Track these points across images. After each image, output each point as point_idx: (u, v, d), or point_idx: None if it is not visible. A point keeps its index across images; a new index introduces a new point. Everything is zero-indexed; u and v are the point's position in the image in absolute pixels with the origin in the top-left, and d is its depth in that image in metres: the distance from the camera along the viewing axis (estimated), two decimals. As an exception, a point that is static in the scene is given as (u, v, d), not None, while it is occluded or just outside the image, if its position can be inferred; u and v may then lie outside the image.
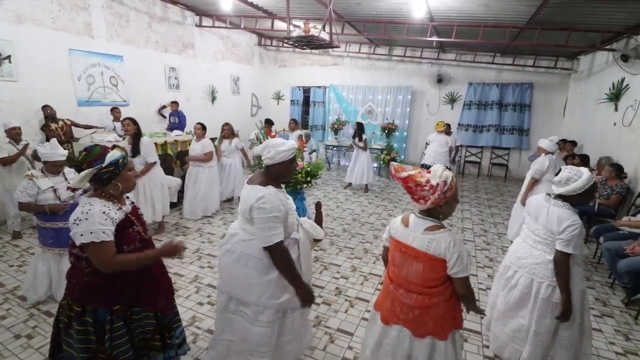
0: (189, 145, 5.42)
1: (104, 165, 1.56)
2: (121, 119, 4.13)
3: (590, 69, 6.87)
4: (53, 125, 5.08)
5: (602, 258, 3.87)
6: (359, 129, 6.87)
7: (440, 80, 8.87)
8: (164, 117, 7.24)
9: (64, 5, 5.35)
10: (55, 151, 2.88)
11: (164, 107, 7.19)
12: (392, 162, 1.56)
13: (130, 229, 1.66)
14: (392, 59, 9.24)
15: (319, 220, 4.33)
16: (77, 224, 1.50)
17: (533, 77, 8.20)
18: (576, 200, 2.05)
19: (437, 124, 6.73)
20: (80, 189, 2.63)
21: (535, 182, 4.11)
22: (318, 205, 4.35)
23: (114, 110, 5.96)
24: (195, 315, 2.86)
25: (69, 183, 2.69)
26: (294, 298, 1.88)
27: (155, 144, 5.72)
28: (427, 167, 7.04)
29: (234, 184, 5.70)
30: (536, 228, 2.16)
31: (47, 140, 5.15)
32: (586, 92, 6.95)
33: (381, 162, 8.39)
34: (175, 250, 1.71)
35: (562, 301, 2.01)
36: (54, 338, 1.72)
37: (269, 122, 6.54)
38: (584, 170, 2.03)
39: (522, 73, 8.28)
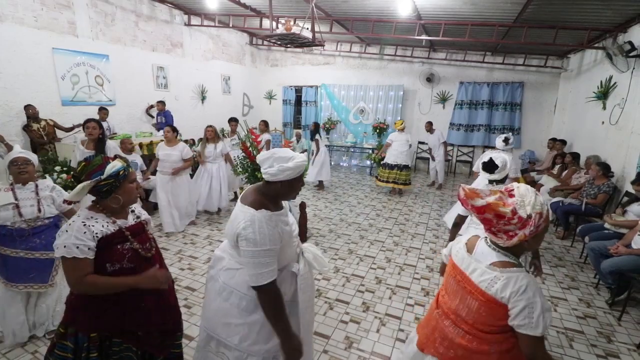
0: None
1: (103, 177, 1.45)
2: (84, 120, 3.79)
3: (579, 68, 6.85)
4: (35, 126, 5.00)
5: (588, 258, 3.84)
6: (316, 129, 6.84)
7: (429, 79, 8.82)
8: (152, 117, 7.16)
9: (47, 4, 5.27)
10: (15, 151, 2.42)
11: (151, 106, 7.11)
12: (462, 185, 1.32)
13: (120, 246, 1.50)
14: (384, 58, 9.19)
15: (303, 221, 4.27)
16: (59, 236, 1.40)
17: (524, 76, 8.17)
18: None
19: (396, 123, 6.64)
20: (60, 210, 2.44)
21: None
22: (302, 206, 4.28)
23: (101, 111, 5.89)
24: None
25: (39, 199, 2.34)
26: None
27: (141, 144, 5.71)
28: (390, 167, 6.75)
29: (219, 194, 5.10)
30: None
31: (31, 141, 5.10)
32: (576, 90, 6.93)
33: (372, 162, 8.35)
34: (155, 281, 1.54)
35: None
36: None
37: (233, 120, 5.98)
38: None
39: (512, 72, 8.24)
